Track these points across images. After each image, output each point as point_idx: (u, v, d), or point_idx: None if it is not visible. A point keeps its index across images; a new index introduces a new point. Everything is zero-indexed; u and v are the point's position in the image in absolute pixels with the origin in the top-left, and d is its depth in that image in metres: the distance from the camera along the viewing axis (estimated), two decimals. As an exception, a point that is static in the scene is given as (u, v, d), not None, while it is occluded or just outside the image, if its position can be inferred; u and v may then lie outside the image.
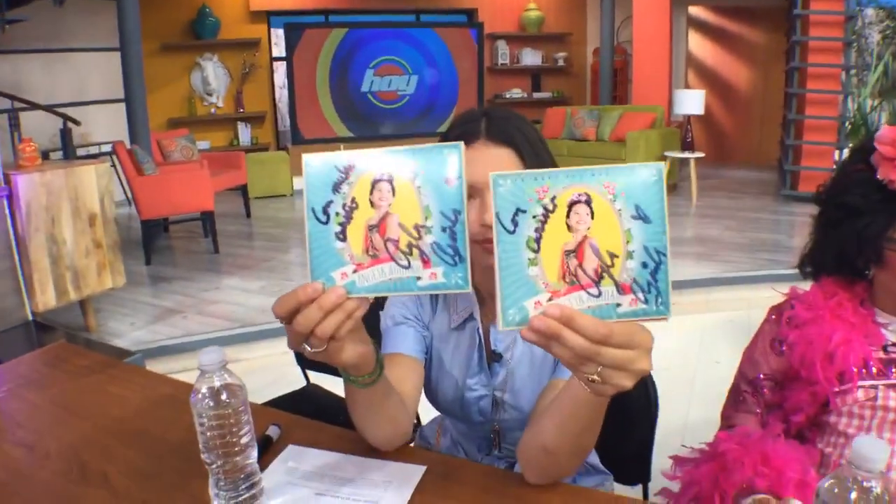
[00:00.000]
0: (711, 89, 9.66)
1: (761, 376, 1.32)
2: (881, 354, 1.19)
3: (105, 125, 7.63)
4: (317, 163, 0.77)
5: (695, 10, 9.87)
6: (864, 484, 0.66)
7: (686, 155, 7.11)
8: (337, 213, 0.76)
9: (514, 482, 1.06)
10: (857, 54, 7.04)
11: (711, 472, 1.09)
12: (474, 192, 1.07)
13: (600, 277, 0.70)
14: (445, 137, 1.16)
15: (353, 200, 0.76)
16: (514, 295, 0.70)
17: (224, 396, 0.90)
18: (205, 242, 5.91)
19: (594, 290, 0.70)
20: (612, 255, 0.70)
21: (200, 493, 0.98)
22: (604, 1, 8.55)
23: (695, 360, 3.56)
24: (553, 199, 0.70)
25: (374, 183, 0.76)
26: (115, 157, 5.89)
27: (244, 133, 8.93)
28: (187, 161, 6.42)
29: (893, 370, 1.17)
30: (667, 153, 7.21)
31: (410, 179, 0.75)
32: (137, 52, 5.72)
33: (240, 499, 0.93)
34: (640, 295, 0.70)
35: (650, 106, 7.65)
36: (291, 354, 2.04)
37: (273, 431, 1.16)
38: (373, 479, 1.05)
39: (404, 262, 0.76)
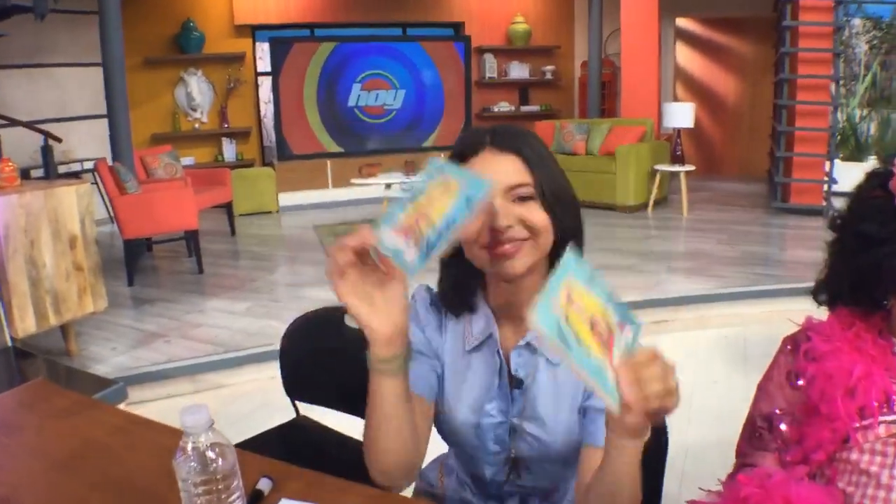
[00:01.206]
0: (699, 101, 9.69)
1: (777, 411, 1.26)
2: None
3: (87, 141, 7.54)
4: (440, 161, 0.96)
5: (682, 22, 9.91)
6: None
7: (676, 168, 7.10)
8: (414, 194, 0.93)
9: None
10: (845, 65, 7.08)
11: (733, 518, 1.02)
12: None
13: (610, 331, 0.85)
14: (453, 152, 1.16)
15: (426, 191, 0.92)
16: (603, 384, 0.82)
17: (211, 459, 0.81)
18: (188, 262, 5.80)
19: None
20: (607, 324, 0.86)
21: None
22: (591, 13, 8.55)
23: (692, 378, 3.49)
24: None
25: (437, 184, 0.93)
26: (96, 174, 5.79)
27: (229, 149, 8.84)
28: (171, 178, 6.31)
29: None
30: (657, 167, 7.19)
31: (456, 191, 0.91)
32: (120, 66, 5.63)
33: (229, 571, 0.84)
34: (627, 326, 0.86)
35: (639, 119, 7.64)
36: (278, 380, 1.99)
37: (264, 485, 1.07)
38: (374, 541, 0.97)
39: (410, 241, 0.91)
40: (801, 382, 1.22)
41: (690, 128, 7.31)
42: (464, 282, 1.19)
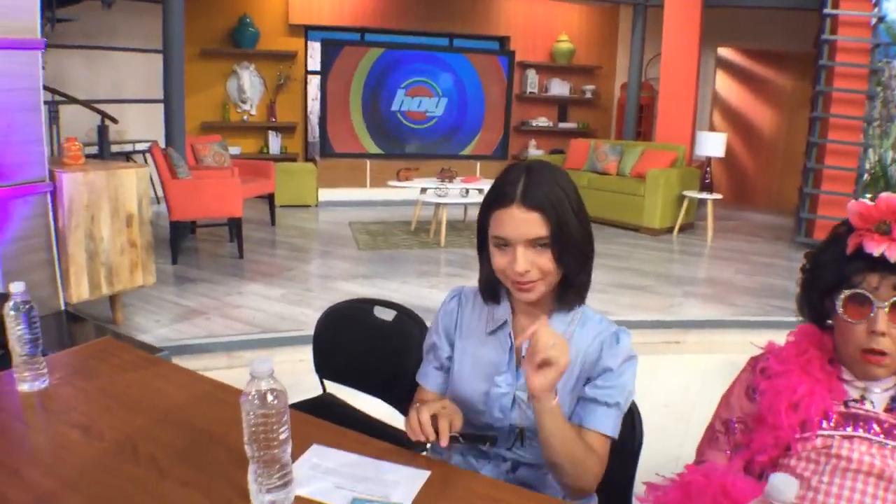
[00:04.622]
0: (735, 130, 9.79)
1: (734, 419, 1.45)
2: (842, 408, 1.31)
3: (139, 124, 7.88)
4: None
5: (724, 52, 10.02)
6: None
7: (704, 196, 7.22)
8: None
9: (507, 493, 1.22)
10: (882, 106, 7.15)
11: (678, 499, 1.23)
12: (508, 243, 1.35)
13: None
14: (486, 199, 1.42)
15: None
16: None
17: (270, 399, 1.06)
18: (230, 247, 6.12)
19: None
20: None
21: (238, 479, 1.14)
22: (634, 37, 8.72)
23: (694, 398, 3.65)
24: None
25: None
26: (149, 156, 6.10)
27: (274, 142, 9.15)
28: (219, 167, 6.62)
29: (850, 424, 1.30)
30: (685, 192, 7.34)
31: None
32: (179, 55, 5.94)
33: (273, 486, 1.09)
34: None
35: (673, 144, 7.77)
36: (309, 362, 2.20)
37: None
38: (385, 478, 1.22)
39: None
40: (755, 396, 1.41)
41: (721, 157, 7.44)
42: (494, 280, 1.47)
